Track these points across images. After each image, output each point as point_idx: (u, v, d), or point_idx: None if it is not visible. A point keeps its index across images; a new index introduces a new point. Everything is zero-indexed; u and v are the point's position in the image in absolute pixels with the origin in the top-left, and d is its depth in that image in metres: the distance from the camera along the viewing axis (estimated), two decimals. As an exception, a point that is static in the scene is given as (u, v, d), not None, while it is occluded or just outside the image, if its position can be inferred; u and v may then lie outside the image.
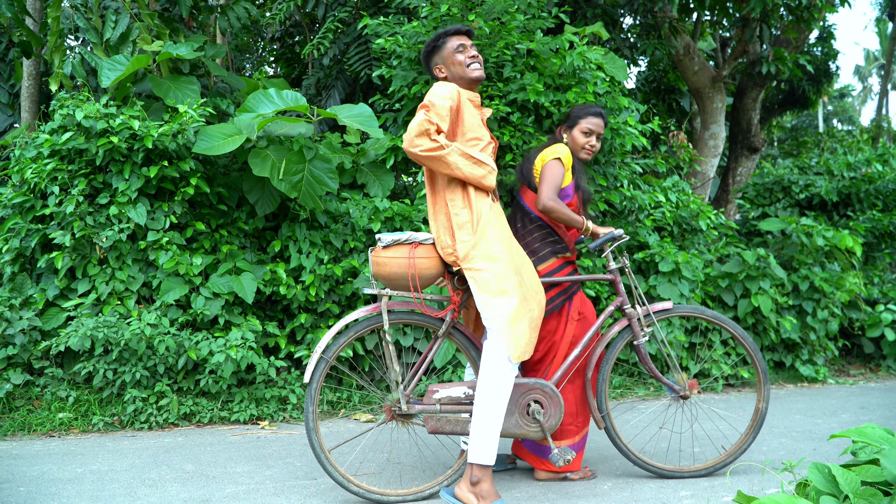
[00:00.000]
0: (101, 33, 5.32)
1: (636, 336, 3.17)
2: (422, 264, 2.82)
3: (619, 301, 3.17)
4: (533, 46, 5.16)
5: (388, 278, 2.84)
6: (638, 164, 5.98)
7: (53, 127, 4.53)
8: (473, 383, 2.91)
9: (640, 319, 3.17)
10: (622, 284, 3.20)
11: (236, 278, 4.44)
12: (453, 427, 2.87)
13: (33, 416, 4.06)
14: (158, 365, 4.16)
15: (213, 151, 4.32)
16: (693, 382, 3.23)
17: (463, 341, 2.98)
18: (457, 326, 2.96)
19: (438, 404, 2.87)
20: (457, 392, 2.89)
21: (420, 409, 2.87)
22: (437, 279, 2.92)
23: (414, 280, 2.80)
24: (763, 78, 8.84)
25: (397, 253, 2.82)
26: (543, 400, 2.93)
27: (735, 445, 3.29)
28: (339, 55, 7.45)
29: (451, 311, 2.92)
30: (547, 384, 2.94)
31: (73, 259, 4.36)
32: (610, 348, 3.19)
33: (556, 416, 2.93)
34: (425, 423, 2.86)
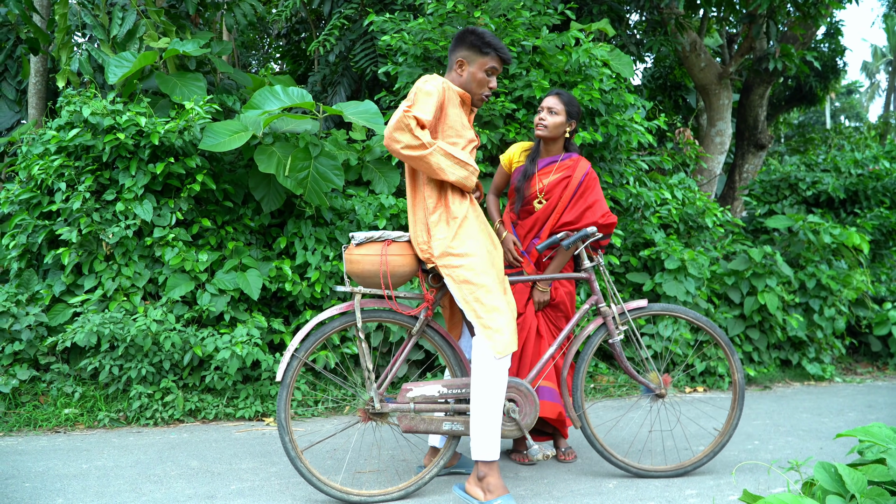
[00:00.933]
0: (108, 30, 5.32)
1: (611, 334, 3.14)
2: (395, 262, 2.81)
3: (593, 299, 3.14)
4: (539, 43, 5.15)
5: (361, 276, 2.83)
6: (644, 161, 5.96)
7: (60, 123, 4.53)
8: (448, 381, 2.90)
9: (615, 318, 3.14)
10: (597, 283, 3.18)
11: (242, 275, 4.44)
12: (427, 426, 2.85)
13: (39, 412, 4.07)
14: (164, 361, 4.16)
15: (219, 148, 4.32)
16: (666, 378, 3.20)
17: (438, 340, 2.95)
18: (431, 325, 2.94)
19: (412, 403, 2.85)
20: (431, 391, 2.87)
21: (394, 407, 2.85)
22: (411, 277, 2.90)
23: (386, 278, 2.80)
24: (770, 74, 8.80)
25: (370, 251, 2.81)
26: (518, 398, 2.92)
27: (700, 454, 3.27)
28: (344, 52, 7.44)
29: (424, 310, 2.90)
30: (522, 382, 2.93)
31: (80, 255, 4.37)
32: (585, 347, 3.18)
33: (532, 413, 2.91)
34: (399, 422, 2.84)
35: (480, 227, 2.89)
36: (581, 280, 3.26)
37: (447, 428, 2.87)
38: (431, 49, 5.08)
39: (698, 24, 9.17)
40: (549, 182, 3.39)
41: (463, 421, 2.87)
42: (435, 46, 5.05)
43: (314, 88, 7.80)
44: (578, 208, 3.36)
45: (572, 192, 3.37)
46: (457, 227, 2.80)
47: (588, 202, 3.37)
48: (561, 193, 3.38)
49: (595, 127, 5.22)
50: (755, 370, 5.43)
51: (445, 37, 5.08)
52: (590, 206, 3.36)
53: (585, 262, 3.15)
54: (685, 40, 8.37)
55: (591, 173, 3.42)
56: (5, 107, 6.97)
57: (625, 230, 5.56)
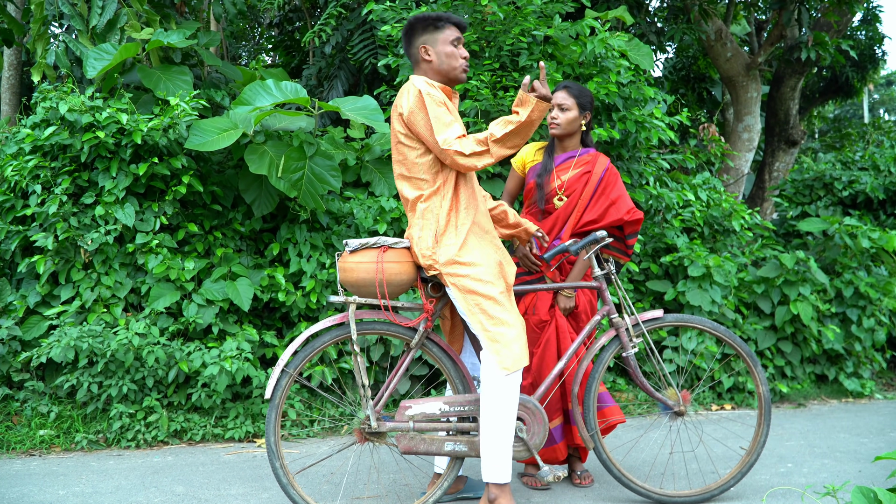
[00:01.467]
0: (87, 20, 5.35)
1: (625, 347, 3.12)
2: (391, 269, 2.81)
3: (605, 310, 3.13)
4: (551, 33, 5.15)
5: (356, 285, 2.84)
6: (665, 160, 5.95)
7: (35, 121, 4.55)
8: (450, 398, 2.88)
9: (628, 330, 3.13)
10: (608, 292, 3.17)
11: (231, 284, 4.45)
12: (428, 446, 2.84)
13: (12, 434, 4.08)
14: (147, 378, 4.17)
15: (207, 147, 4.33)
16: (685, 394, 3.18)
17: (438, 354, 2.95)
18: (431, 337, 2.94)
19: (411, 421, 2.84)
20: (431, 408, 2.86)
21: (391, 426, 2.84)
22: (410, 286, 2.91)
23: (382, 287, 2.80)
24: (802, 65, 8.78)
25: (365, 258, 2.82)
26: (526, 417, 2.91)
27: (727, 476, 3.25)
28: (342, 43, 7.44)
29: (423, 321, 2.89)
30: (529, 400, 2.93)
31: (56, 263, 4.38)
32: (597, 361, 3.15)
33: (541, 433, 2.91)
34: (397, 443, 2.84)
35: (489, 236, 2.92)
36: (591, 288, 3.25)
37: (449, 448, 2.85)
38: (435, 39, 5.08)
39: (724, 10, 9.16)
40: (568, 178, 3.43)
41: (467, 441, 2.86)
42: (439, 37, 5.04)
43: (309, 82, 7.81)
44: (601, 205, 3.39)
45: (593, 189, 3.40)
46: (465, 234, 2.81)
47: (611, 198, 3.39)
48: (582, 190, 3.40)
49: (612, 123, 5.22)
50: (788, 386, 5.41)
51: (450, 26, 5.08)
52: (613, 203, 3.38)
53: (596, 269, 3.14)
54: (710, 28, 8.36)
55: (612, 168, 3.46)
56: (-23, 103, 7.02)
57: (645, 234, 5.55)
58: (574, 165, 3.45)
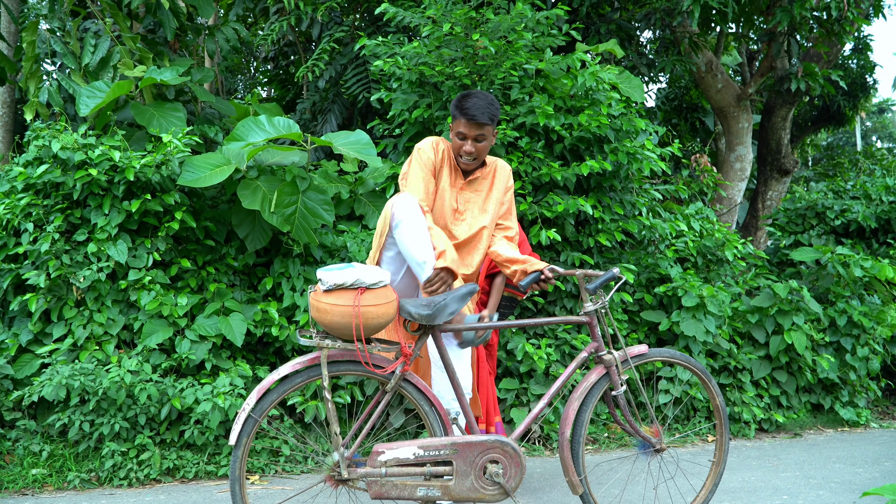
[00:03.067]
0: (80, 58, 5.42)
1: (615, 386, 3.06)
2: (370, 313, 2.70)
3: (593, 346, 3.06)
4: (542, 66, 5.25)
5: (330, 326, 2.74)
6: (657, 191, 6.02)
7: (28, 159, 4.60)
8: (425, 443, 2.82)
9: (618, 366, 3.06)
10: (598, 328, 3.09)
11: (224, 319, 4.47)
12: (399, 492, 2.77)
13: (5, 473, 4.07)
14: (139, 415, 4.17)
15: (200, 183, 4.38)
16: (656, 430, 3.17)
17: (415, 396, 2.89)
18: (408, 379, 2.87)
19: (384, 468, 2.77)
20: (405, 453, 2.79)
21: (363, 473, 2.76)
22: (387, 326, 2.83)
23: (359, 331, 2.69)
24: (793, 95, 8.91)
25: (340, 300, 2.70)
26: (503, 460, 2.85)
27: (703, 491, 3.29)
28: (335, 77, 7.56)
29: (401, 364, 2.82)
30: (508, 441, 2.87)
31: (48, 301, 4.40)
32: (586, 401, 3.06)
33: (518, 476, 2.85)
34: (367, 488, 2.77)
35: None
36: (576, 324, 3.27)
37: (422, 494, 2.79)
38: (427, 74, 5.18)
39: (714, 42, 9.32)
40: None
41: (440, 486, 2.80)
42: (431, 71, 5.14)
43: (303, 116, 7.91)
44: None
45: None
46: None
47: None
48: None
49: (604, 155, 5.30)
50: (784, 416, 5.43)
51: (442, 61, 5.18)
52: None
53: (588, 304, 3.08)
54: (700, 60, 8.50)
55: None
56: (-30, 140, 7.07)
57: (638, 265, 5.60)
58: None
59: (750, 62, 9.98)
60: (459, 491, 2.81)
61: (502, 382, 4.87)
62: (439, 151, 3.26)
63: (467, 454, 2.81)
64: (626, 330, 5.33)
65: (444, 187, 3.29)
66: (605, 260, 5.49)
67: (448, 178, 3.29)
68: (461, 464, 2.80)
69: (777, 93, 9.13)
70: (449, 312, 2.80)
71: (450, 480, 2.80)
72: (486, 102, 3.18)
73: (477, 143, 3.19)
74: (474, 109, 3.11)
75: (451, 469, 2.81)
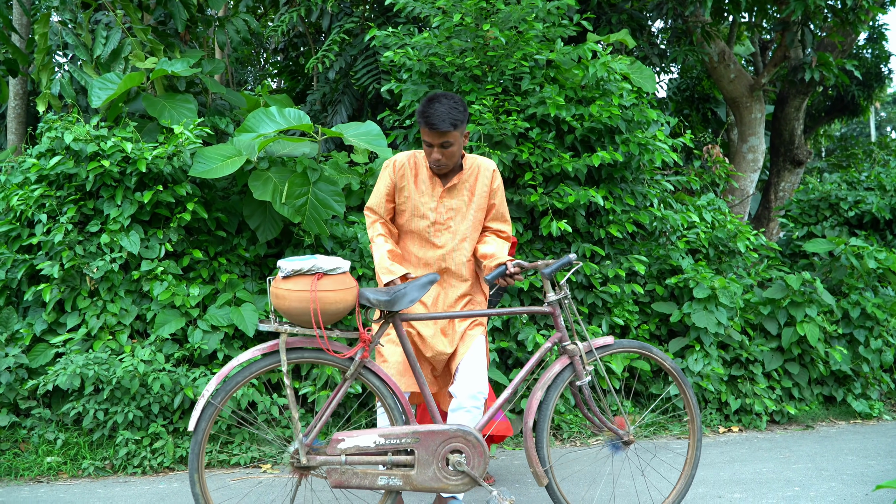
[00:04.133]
0: (92, 50, 5.47)
1: (579, 376, 3.04)
2: (327, 298, 2.70)
3: (557, 337, 3.06)
4: (553, 57, 5.25)
5: (288, 313, 2.73)
6: (669, 182, 6.02)
7: (41, 150, 4.65)
8: (386, 431, 2.81)
9: (582, 357, 3.05)
10: (561, 318, 3.08)
11: (236, 310, 4.51)
12: (360, 480, 2.77)
13: (20, 461, 4.13)
14: (153, 404, 4.22)
15: (211, 175, 4.41)
16: (622, 420, 3.16)
17: (375, 383, 2.87)
18: (368, 366, 2.86)
19: (343, 455, 2.76)
20: (366, 441, 2.78)
21: (322, 460, 2.76)
22: (347, 312, 2.82)
23: (316, 315, 2.69)
24: (806, 85, 8.86)
25: (297, 286, 2.70)
26: (466, 449, 2.84)
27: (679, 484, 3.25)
28: (345, 68, 7.58)
29: (360, 350, 2.80)
30: (470, 430, 2.86)
31: (62, 291, 4.45)
32: (549, 391, 3.04)
33: (481, 466, 2.85)
34: (327, 476, 2.76)
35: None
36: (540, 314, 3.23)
37: (383, 483, 2.78)
38: (437, 65, 5.19)
39: (727, 32, 9.28)
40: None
41: (402, 475, 2.79)
42: (441, 62, 5.16)
43: (313, 107, 7.94)
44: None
45: None
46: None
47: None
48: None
49: (615, 146, 5.30)
50: (796, 408, 5.43)
51: (452, 52, 5.19)
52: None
53: (550, 294, 3.06)
54: (713, 50, 8.46)
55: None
56: (-17, 132, 7.14)
57: (650, 256, 5.61)
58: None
59: (763, 52, 9.93)
60: (422, 480, 2.80)
61: (511, 373, 4.90)
62: (397, 168, 3.23)
63: (429, 443, 2.80)
64: (636, 321, 5.34)
65: (421, 198, 3.23)
66: (616, 251, 5.50)
67: (427, 188, 3.23)
68: (423, 453, 2.79)
69: (790, 83, 9.08)
70: (409, 300, 2.82)
71: (411, 470, 2.79)
72: (448, 108, 3.07)
73: (444, 150, 3.11)
74: (434, 117, 3.03)
75: (413, 458, 2.80)
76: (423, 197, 3.22)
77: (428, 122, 3.05)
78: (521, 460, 4.42)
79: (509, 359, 5.04)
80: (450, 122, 3.04)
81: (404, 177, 3.22)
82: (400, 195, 3.24)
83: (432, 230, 3.22)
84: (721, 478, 4.00)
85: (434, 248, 3.23)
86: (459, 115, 3.09)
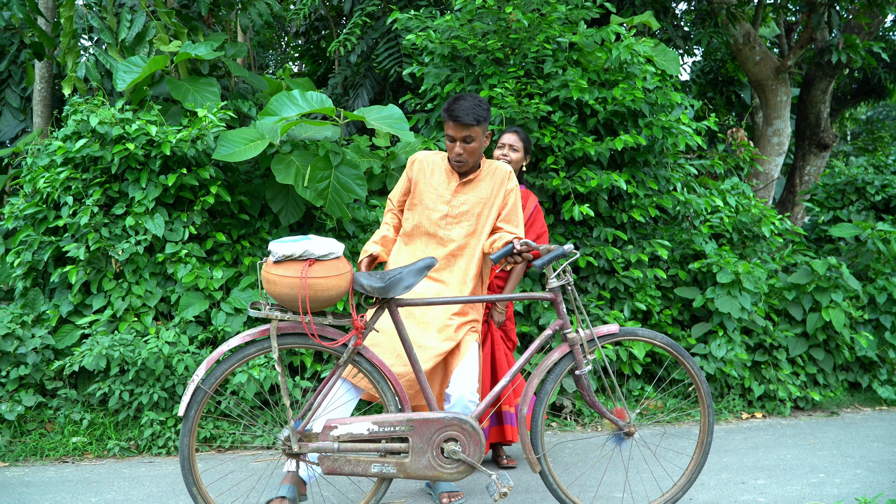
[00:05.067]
0: (116, 33, 5.47)
1: (579, 365, 2.97)
2: (318, 285, 2.63)
3: (558, 324, 2.98)
4: (576, 39, 5.17)
5: (280, 298, 2.66)
6: (693, 166, 5.94)
7: (67, 133, 4.67)
8: (380, 419, 2.76)
9: (583, 345, 2.99)
10: (563, 305, 3.02)
11: (259, 293, 4.52)
12: (353, 468, 2.72)
13: (46, 441, 4.18)
14: (177, 386, 4.25)
15: (234, 158, 4.41)
16: (621, 412, 3.08)
17: (369, 369, 2.83)
18: (362, 353, 2.81)
19: (336, 442, 2.72)
20: (359, 429, 2.73)
21: (314, 447, 2.71)
22: (340, 299, 2.76)
23: (305, 302, 2.63)
24: (833, 67, 8.71)
25: (288, 271, 2.62)
26: (461, 437, 2.80)
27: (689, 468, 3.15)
28: (367, 51, 7.54)
29: (354, 337, 2.74)
30: (466, 420, 2.81)
31: (88, 273, 4.48)
32: (548, 378, 2.99)
33: (478, 453, 2.81)
34: (319, 463, 2.73)
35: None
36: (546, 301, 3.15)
37: (376, 470, 2.74)
38: (459, 48, 5.14)
39: (752, 13, 9.12)
40: None
41: (395, 463, 2.75)
42: (463, 45, 5.10)
43: (335, 91, 7.91)
44: (530, 236, 3.87)
45: (525, 222, 3.83)
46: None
47: (537, 232, 3.92)
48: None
49: (638, 129, 5.23)
50: (821, 394, 5.36)
51: (475, 34, 5.14)
52: (539, 236, 3.92)
53: (552, 280, 2.99)
54: (738, 32, 8.32)
55: (538, 207, 4.00)
56: (9, 115, 7.19)
57: (672, 241, 5.55)
58: None
59: (788, 34, 9.76)
60: (416, 468, 2.76)
61: (534, 358, 4.87)
62: (417, 162, 3.34)
63: (424, 431, 2.75)
64: (659, 306, 5.29)
65: (437, 190, 3.27)
66: (639, 236, 5.44)
67: (443, 182, 3.28)
68: (418, 441, 2.75)
69: (817, 65, 8.92)
70: (405, 286, 2.78)
71: (406, 458, 2.75)
72: (473, 104, 3.14)
73: (465, 145, 3.17)
74: (459, 111, 3.10)
75: (408, 446, 2.75)
76: (439, 189, 3.26)
77: (452, 115, 3.12)
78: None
79: (530, 343, 5.01)
80: (473, 116, 3.11)
81: (422, 170, 3.32)
82: (415, 188, 3.30)
83: (443, 223, 3.23)
84: (745, 464, 3.96)
85: (443, 246, 3.23)
86: (483, 113, 3.16)
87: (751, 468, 3.89)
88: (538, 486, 3.56)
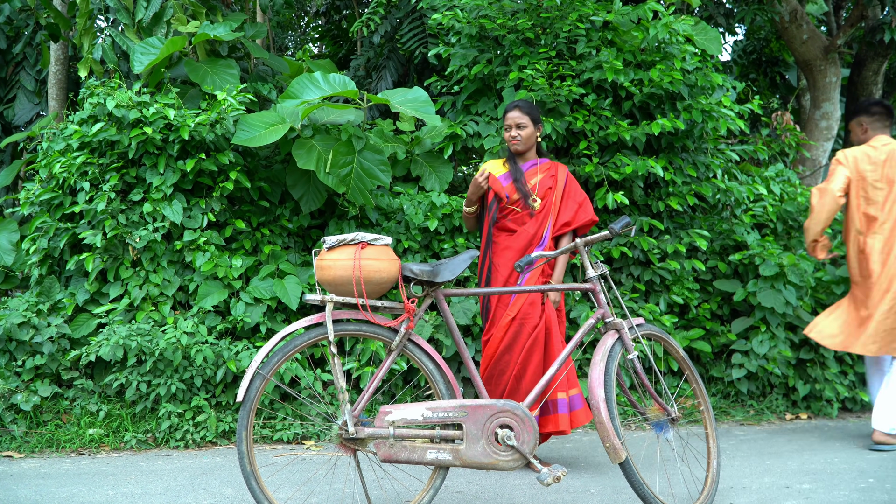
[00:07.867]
0: (133, 13, 5.53)
1: (628, 349, 3.09)
2: (370, 266, 2.85)
3: (600, 313, 3.14)
4: (610, 18, 5.14)
5: (333, 283, 2.87)
6: (734, 151, 5.88)
7: (83, 117, 4.73)
8: (433, 405, 2.87)
9: (632, 328, 3.13)
10: (603, 294, 3.15)
11: (279, 282, 4.56)
12: (409, 455, 2.82)
13: (62, 432, 4.26)
14: (195, 377, 4.31)
15: (254, 143, 4.45)
16: (660, 407, 3.20)
17: (420, 357, 2.97)
18: (412, 339, 2.97)
19: (392, 427, 2.83)
20: (413, 414, 2.85)
21: (370, 432, 2.83)
22: (391, 286, 2.94)
23: (359, 284, 2.83)
24: (885, 47, 8.56)
25: (342, 255, 2.86)
26: (514, 424, 2.87)
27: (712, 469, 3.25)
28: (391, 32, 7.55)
29: (405, 322, 2.92)
30: (518, 406, 2.89)
31: (105, 261, 4.55)
32: (609, 363, 3.04)
33: (531, 442, 2.87)
34: (376, 450, 2.83)
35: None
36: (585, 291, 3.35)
37: (432, 457, 2.83)
38: (488, 27, 5.13)
39: (799, -11, 8.98)
40: (537, 182, 3.88)
41: (451, 449, 2.84)
42: (492, 24, 5.09)
43: (357, 73, 7.93)
44: (571, 208, 3.86)
45: (561, 193, 3.88)
46: None
47: (578, 200, 3.90)
48: (551, 194, 3.87)
49: (676, 113, 5.19)
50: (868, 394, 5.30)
51: (504, 13, 5.13)
52: (581, 205, 3.89)
53: (590, 270, 3.15)
54: (783, 9, 8.21)
55: (570, 175, 3.99)
56: (24, 98, 7.31)
57: (712, 231, 5.50)
58: (538, 171, 3.91)
59: (837, 11, 9.61)
60: (472, 456, 2.83)
61: (565, 352, 4.87)
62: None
63: (477, 417, 2.85)
64: (697, 300, 5.26)
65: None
66: (676, 225, 5.41)
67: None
68: (471, 427, 2.84)
69: (868, 44, 8.77)
70: (451, 272, 2.95)
71: (461, 444, 2.84)
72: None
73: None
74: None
75: (462, 433, 2.85)
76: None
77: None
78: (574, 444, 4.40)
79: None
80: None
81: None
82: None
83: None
84: (789, 467, 3.93)
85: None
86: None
87: (795, 472, 3.87)
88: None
